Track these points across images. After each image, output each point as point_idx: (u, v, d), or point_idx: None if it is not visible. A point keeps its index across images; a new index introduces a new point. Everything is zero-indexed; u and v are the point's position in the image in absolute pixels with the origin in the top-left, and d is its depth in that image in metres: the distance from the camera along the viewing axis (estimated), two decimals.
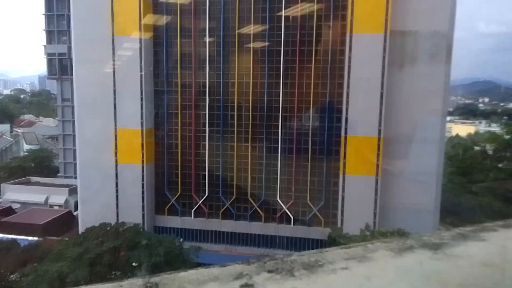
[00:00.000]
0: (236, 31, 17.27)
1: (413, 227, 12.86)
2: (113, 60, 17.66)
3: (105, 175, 17.94)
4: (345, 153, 16.58)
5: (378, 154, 16.69)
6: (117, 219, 16.63)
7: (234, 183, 17.59)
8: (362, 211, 16.64)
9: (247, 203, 17.70)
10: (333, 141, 16.64)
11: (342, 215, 16.85)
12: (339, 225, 17.14)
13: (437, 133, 17.39)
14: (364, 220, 16.05)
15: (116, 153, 17.89)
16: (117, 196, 18.07)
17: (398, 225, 14.32)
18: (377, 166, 16.70)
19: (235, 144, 17.40)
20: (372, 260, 1.08)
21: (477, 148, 17.51)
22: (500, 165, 16.94)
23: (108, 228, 13.59)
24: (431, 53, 17.26)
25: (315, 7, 16.95)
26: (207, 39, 17.41)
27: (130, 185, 17.88)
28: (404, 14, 16.51)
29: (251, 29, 17.27)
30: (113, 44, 17.46)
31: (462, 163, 16.91)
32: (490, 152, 17.24)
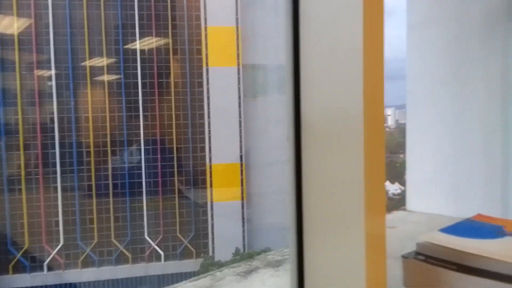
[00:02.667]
0: (87, 63, 15.06)
1: (280, 244, 12.57)
2: None
3: None
4: (211, 181, 15.70)
5: (242, 179, 16.27)
6: None
7: (95, 225, 14.81)
8: (232, 236, 15.78)
9: (111, 246, 15.02)
10: (199, 170, 15.59)
11: (213, 243, 15.70)
12: (211, 253, 15.93)
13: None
14: (234, 244, 15.25)
15: None
16: None
17: (266, 245, 13.94)
18: (242, 190, 16.24)
19: (93, 182, 14.79)
20: None
21: None
22: None
23: None
24: (279, 84, 17.92)
25: (170, 40, 16.00)
26: (53, 71, 14.72)
27: None
28: (254, 49, 16.78)
29: (104, 61, 15.29)
30: None
31: None
32: None
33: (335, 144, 0.60)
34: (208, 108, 15.41)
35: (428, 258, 0.65)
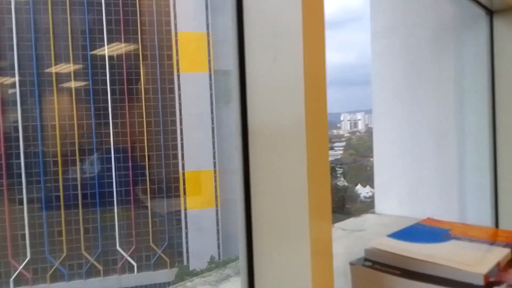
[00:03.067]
0: (53, 69, 14.63)
1: None
2: None
3: None
4: (184, 188, 15.51)
5: (215, 186, 16.16)
6: None
7: (64, 238, 14.32)
8: (206, 244, 15.61)
9: (81, 259, 14.55)
10: (172, 178, 15.37)
11: (187, 252, 15.48)
12: (185, 262, 15.69)
13: None
14: (209, 252, 15.10)
15: None
16: None
17: None
18: (216, 197, 16.11)
19: (60, 193, 14.32)
20: None
21: None
22: None
23: None
24: None
25: (140, 46, 15.77)
26: (17, 78, 14.21)
27: None
28: (225, 55, 16.74)
29: (71, 67, 14.89)
30: None
31: None
32: None
33: (280, 152, 0.61)
34: (180, 114, 15.27)
35: (375, 264, 0.66)
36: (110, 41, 14.92)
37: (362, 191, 14.72)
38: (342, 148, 19.26)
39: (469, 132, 1.77)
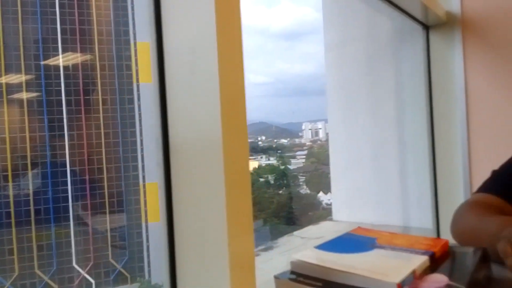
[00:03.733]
0: (3, 80, 13.93)
1: None
2: None
3: None
4: (145, 201, 15.12)
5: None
6: None
7: (15, 256, 13.53)
8: None
9: (34, 278, 13.78)
10: (132, 190, 14.96)
11: (149, 266, 15.03)
12: (147, 277, 15.25)
13: None
14: None
15: None
16: None
17: None
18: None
19: (11, 209, 13.56)
20: None
21: (262, 179, 18.79)
22: (280, 192, 18.56)
23: None
24: None
25: (97, 56, 15.34)
26: None
27: None
28: None
29: (22, 77, 14.24)
30: None
31: (251, 194, 17.62)
32: (272, 182, 18.77)
33: (199, 167, 0.60)
34: (140, 125, 14.94)
35: (299, 276, 0.65)
36: (65, 50, 14.44)
37: (324, 198, 14.95)
38: (304, 156, 19.53)
39: (410, 141, 1.84)
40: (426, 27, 1.77)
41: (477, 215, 0.85)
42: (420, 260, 0.67)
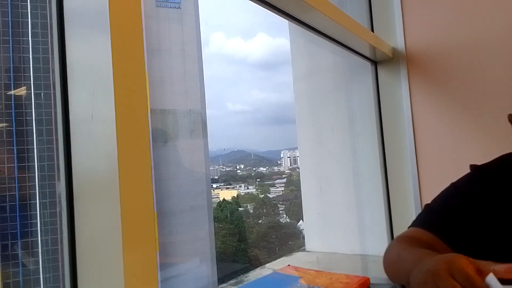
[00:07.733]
0: None
1: None
2: None
3: None
4: None
5: (154, 229, 15.43)
6: None
7: None
8: None
9: None
10: None
11: None
12: None
13: (204, 200, 17.58)
14: None
15: None
16: None
17: None
18: (155, 240, 15.35)
19: None
20: None
21: (241, 208, 18.59)
22: (259, 221, 18.34)
23: None
24: (190, 128, 17.76)
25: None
26: None
27: None
28: (162, 94, 16.53)
29: None
30: None
31: (231, 224, 17.32)
32: (251, 211, 18.54)
33: (99, 204, 0.64)
34: None
35: None
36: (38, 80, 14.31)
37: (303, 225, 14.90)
38: (283, 184, 19.51)
39: (365, 172, 1.92)
40: (375, 63, 1.90)
41: (402, 249, 0.85)
42: None
